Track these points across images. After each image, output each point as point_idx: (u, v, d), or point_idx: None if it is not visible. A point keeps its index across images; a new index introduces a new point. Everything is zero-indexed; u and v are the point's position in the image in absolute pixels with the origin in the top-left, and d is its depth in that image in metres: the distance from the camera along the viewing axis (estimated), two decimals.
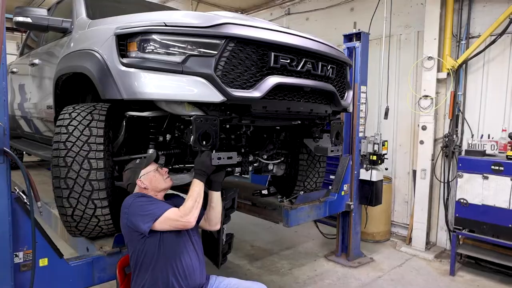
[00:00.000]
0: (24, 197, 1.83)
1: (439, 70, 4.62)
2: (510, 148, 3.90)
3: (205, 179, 2.05)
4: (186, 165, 2.60)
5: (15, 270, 1.82)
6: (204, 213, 2.23)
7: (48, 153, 3.15)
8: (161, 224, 1.91)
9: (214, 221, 2.23)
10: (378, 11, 4.66)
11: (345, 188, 3.97)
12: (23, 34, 7.46)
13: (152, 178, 2.11)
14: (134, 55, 1.93)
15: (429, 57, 4.59)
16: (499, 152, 4.06)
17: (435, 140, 4.75)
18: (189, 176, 2.54)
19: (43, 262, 1.92)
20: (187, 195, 2.00)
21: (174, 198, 2.28)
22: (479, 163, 3.94)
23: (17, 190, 1.85)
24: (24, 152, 4.41)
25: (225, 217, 2.48)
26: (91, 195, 2.07)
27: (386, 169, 4.50)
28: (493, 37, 4.25)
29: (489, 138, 4.27)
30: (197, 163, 2.05)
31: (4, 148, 1.71)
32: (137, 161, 2.18)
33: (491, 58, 4.38)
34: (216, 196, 2.21)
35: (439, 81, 4.65)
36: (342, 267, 4.19)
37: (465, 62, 4.49)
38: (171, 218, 1.92)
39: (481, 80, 4.46)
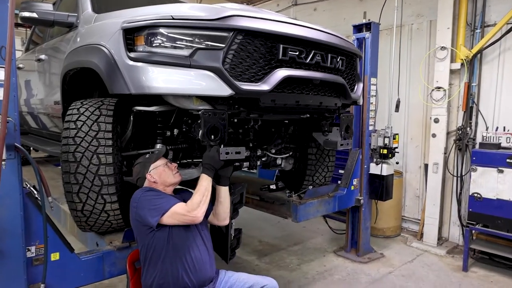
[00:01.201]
0: (35, 192, 1.88)
1: (452, 60, 4.58)
2: None
3: (213, 174, 2.08)
4: (194, 160, 2.64)
5: (28, 264, 1.88)
6: (212, 208, 2.27)
7: (55, 148, 3.22)
8: (168, 218, 1.96)
9: (222, 216, 2.26)
10: (389, 0, 4.62)
11: (354, 183, 3.98)
12: (28, 29, 7.54)
13: (161, 173, 2.15)
14: (141, 49, 1.96)
15: (442, 47, 4.55)
16: None
17: (448, 133, 4.72)
18: (197, 171, 2.59)
19: (55, 256, 1.98)
20: (195, 190, 2.04)
21: (183, 193, 2.32)
22: (494, 156, 3.91)
23: (28, 185, 1.91)
24: (32, 148, 4.49)
25: (234, 212, 2.51)
26: (101, 190, 2.12)
27: (397, 163, 4.49)
28: (510, 26, 4.19)
29: (504, 130, 4.23)
30: (205, 158, 2.08)
31: (15, 144, 1.76)
32: (147, 155, 2.23)
33: (507, 47, 4.33)
34: (224, 191, 2.25)
35: (452, 72, 4.61)
36: (352, 263, 4.22)
37: (480, 52, 4.45)
38: (179, 213, 1.96)
39: (497, 71, 4.42)
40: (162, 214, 1.95)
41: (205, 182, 2.03)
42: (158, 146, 2.39)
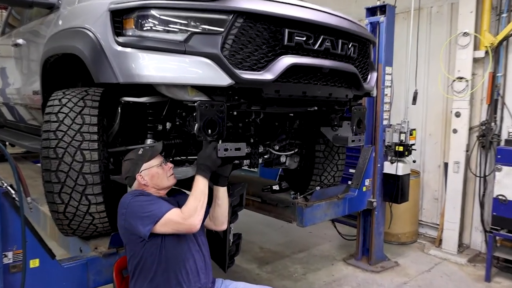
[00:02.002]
0: (13, 192, 1.87)
1: (475, 48, 4.56)
2: None
3: (209, 175, 2.06)
4: (188, 157, 2.64)
5: (4, 271, 1.87)
6: (209, 211, 2.25)
7: (34, 143, 3.21)
8: (162, 227, 1.92)
9: (220, 219, 2.25)
10: None
11: (366, 183, 3.99)
12: (3, 11, 7.51)
13: (154, 175, 2.10)
14: (131, 33, 1.95)
15: (465, 33, 4.54)
16: None
17: (471, 129, 4.72)
18: (192, 169, 2.56)
19: (34, 263, 1.97)
20: (190, 194, 2.00)
21: (179, 195, 2.30)
22: None
23: (5, 184, 1.90)
24: (8, 143, 4.49)
25: (233, 216, 2.51)
26: (85, 190, 2.12)
27: (414, 161, 4.48)
28: None
29: None
30: (200, 157, 2.06)
31: None
32: (140, 151, 2.16)
33: None
34: (222, 192, 2.23)
35: (475, 60, 4.60)
36: (363, 272, 4.23)
37: (506, 38, 4.43)
38: (174, 220, 1.92)
39: None
40: (155, 223, 1.90)
41: (201, 185, 2.00)
42: (149, 141, 2.39)
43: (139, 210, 1.95)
